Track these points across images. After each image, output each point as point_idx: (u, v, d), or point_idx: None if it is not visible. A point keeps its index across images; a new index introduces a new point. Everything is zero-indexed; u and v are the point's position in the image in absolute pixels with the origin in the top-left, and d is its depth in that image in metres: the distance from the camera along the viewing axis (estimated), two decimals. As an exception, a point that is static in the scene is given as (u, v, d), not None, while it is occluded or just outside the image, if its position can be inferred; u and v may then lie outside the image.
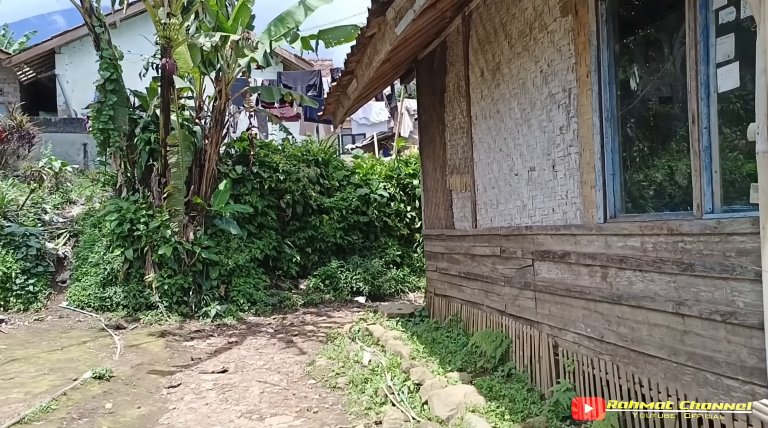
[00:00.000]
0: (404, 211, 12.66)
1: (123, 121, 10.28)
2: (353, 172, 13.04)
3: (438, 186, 8.21)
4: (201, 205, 10.42)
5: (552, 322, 4.99)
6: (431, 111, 8.35)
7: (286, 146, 12.46)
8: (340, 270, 11.78)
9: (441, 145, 7.95)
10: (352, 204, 12.29)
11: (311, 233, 11.97)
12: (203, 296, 10.22)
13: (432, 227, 8.59)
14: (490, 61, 6.14)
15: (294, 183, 11.66)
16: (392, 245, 12.53)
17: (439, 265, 8.20)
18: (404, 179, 12.82)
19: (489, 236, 6.33)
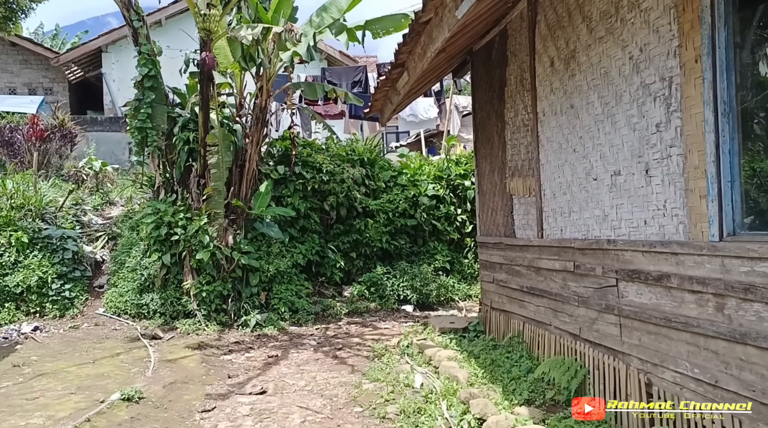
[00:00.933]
0: (454, 214, 11.91)
1: (161, 119, 9.83)
2: (400, 172, 12.34)
3: (496, 190, 7.46)
4: (241, 207, 9.90)
5: (644, 355, 4.20)
6: (488, 107, 7.60)
7: (330, 145, 11.85)
8: (386, 277, 11.11)
9: (500, 144, 7.20)
10: (399, 207, 11.60)
11: (356, 237, 11.34)
12: (243, 304, 9.69)
13: (488, 234, 7.83)
14: (562, 48, 5.36)
15: (338, 184, 11.03)
16: (441, 250, 11.79)
17: (497, 276, 7.45)
18: (454, 180, 12.07)
19: (559, 248, 5.56)
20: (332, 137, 12.06)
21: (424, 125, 15.16)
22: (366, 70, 14.06)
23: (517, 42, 6.58)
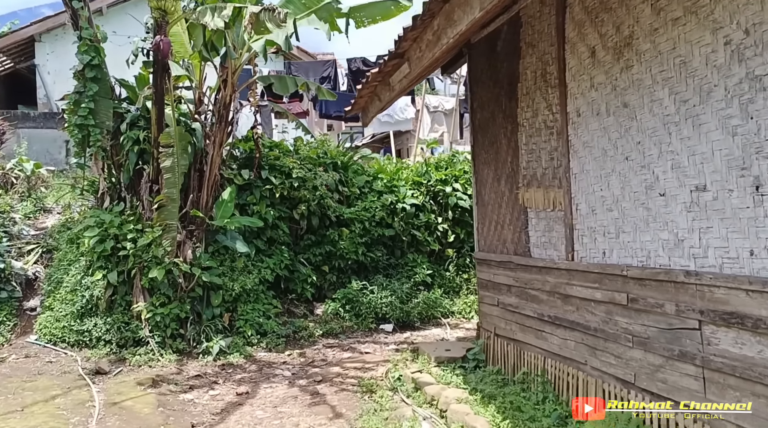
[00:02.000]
0: (435, 223, 10.93)
1: (106, 115, 8.52)
2: (375, 177, 11.30)
3: (503, 201, 6.50)
4: (201, 218, 8.67)
5: (749, 423, 3.28)
6: (493, 106, 6.65)
7: (299, 146, 10.70)
8: (362, 293, 10.04)
9: (509, 149, 6.25)
10: (376, 215, 10.55)
11: (329, 248, 10.23)
12: (203, 328, 8.46)
13: (491, 250, 6.87)
14: (610, 35, 4.42)
15: (310, 191, 9.90)
16: (421, 262, 10.80)
17: (504, 299, 6.49)
18: (435, 186, 11.09)
19: (600, 275, 4.62)
20: (301, 138, 10.92)
21: (399, 125, 14.17)
22: (336, 65, 12.96)
23: (535, 30, 5.63)
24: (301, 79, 9.52)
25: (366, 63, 13.08)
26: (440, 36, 4.77)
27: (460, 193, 10.94)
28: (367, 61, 13.09)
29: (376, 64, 13.28)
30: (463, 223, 11.12)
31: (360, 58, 13.02)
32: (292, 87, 9.20)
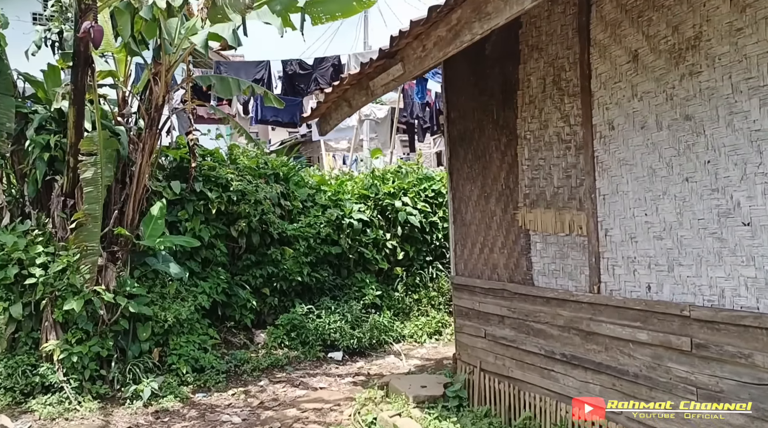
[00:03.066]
0: (383, 240, 10.12)
1: (6, 115, 7.13)
2: (318, 189, 10.36)
3: (492, 221, 5.81)
4: (126, 237, 7.42)
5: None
6: (479, 116, 5.96)
7: (236, 156, 9.57)
8: (308, 317, 9.08)
9: (503, 164, 5.57)
10: (322, 232, 9.61)
11: (270, 269, 9.18)
12: (130, 367, 7.20)
13: (474, 275, 6.17)
14: (663, 36, 3.81)
15: (251, 206, 8.82)
16: (370, 282, 9.95)
17: (493, 331, 5.79)
18: (383, 200, 10.28)
19: (646, 312, 3.99)
20: (237, 146, 9.80)
21: (341, 133, 13.25)
22: (270, 67, 11.90)
23: (542, 32, 4.99)
24: (245, 81, 8.45)
25: (303, 66, 12.12)
26: (459, 32, 3.99)
27: (410, 208, 10.21)
28: (303, 64, 12.14)
29: (314, 67, 12.42)
30: (413, 240, 10.39)
31: (296, 61, 12.04)
32: (235, 90, 8.13)
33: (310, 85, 12.00)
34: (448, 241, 10.58)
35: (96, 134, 6.59)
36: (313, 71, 12.06)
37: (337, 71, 12.03)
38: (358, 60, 12.40)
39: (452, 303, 6.72)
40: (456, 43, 4.06)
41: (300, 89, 12.00)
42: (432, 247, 10.50)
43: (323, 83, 11.86)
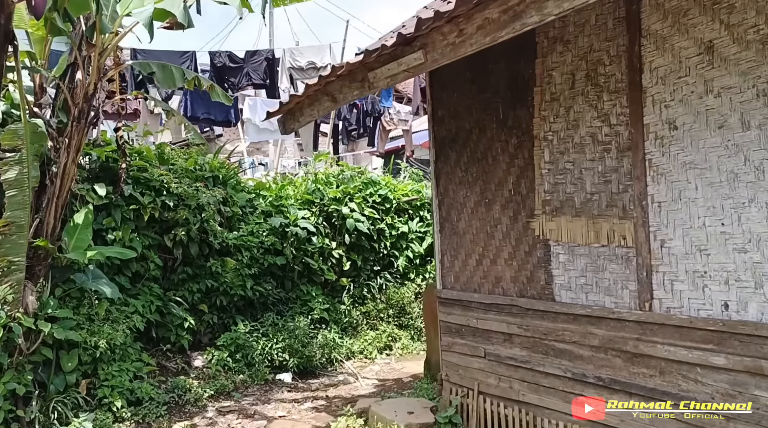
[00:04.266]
0: (329, 248, 9.37)
1: None
2: (258, 194, 9.45)
3: (495, 230, 5.31)
4: (48, 250, 6.23)
5: None
6: (477, 116, 5.46)
7: (169, 156, 8.46)
8: (253, 336, 8.17)
9: (511, 167, 5.09)
10: (266, 241, 8.73)
11: (209, 283, 8.18)
12: (54, 405, 6.03)
13: (469, 288, 5.64)
14: (748, 25, 3.48)
15: (191, 213, 7.80)
16: (316, 295, 9.17)
17: (497, 351, 5.28)
18: (328, 206, 9.53)
19: (723, 334, 3.61)
20: (166, 144, 8.69)
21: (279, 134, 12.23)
22: (195, 58, 10.76)
23: (569, 23, 4.56)
24: (189, 71, 7.44)
25: (233, 59, 11.10)
26: (521, 13, 3.43)
27: (357, 214, 9.54)
28: (234, 57, 11.12)
29: (246, 60, 11.43)
30: (360, 248, 9.72)
31: (225, 53, 11.01)
32: (179, 80, 7.11)
33: (241, 79, 11.03)
34: (397, 249, 10.10)
35: (21, 127, 5.42)
36: (244, 65, 11.09)
37: (271, 66, 11.15)
38: (294, 55, 11.60)
39: (439, 320, 6.13)
40: (514, 26, 3.50)
41: (230, 84, 10.99)
42: (380, 256, 9.88)
43: (256, 78, 10.95)
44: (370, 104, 14.57)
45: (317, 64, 11.59)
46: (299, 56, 11.51)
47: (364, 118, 14.28)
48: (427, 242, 10.13)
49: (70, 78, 6.62)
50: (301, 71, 11.54)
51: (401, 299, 9.67)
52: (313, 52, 11.61)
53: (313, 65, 11.56)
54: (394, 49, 4.49)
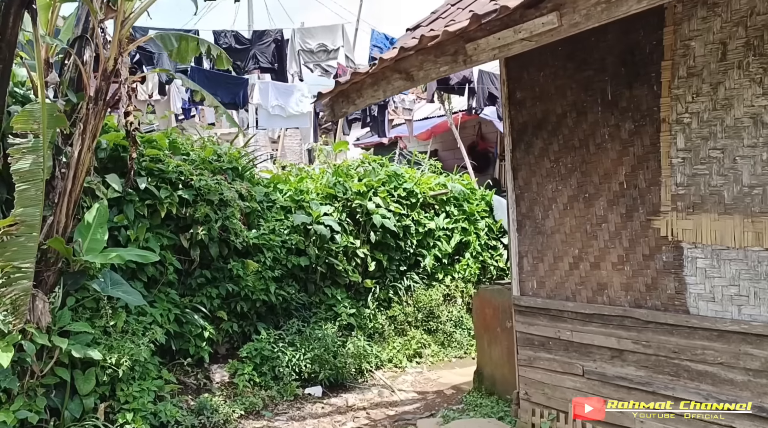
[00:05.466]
0: (353, 248, 8.57)
1: None
2: (275, 187, 8.59)
3: (598, 228, 4.63)
4: (60, 253, 5.32)
5: None
6: (576, 95, 4.77)
7: (182, 144, 7.54)
8: (279, 346, 7.33)
9: (626, 157, 4.42)
10: (290, 240, 7.89)
11: (229, 287, 7.32)
12: (69, 435, 5.15)
13: (559, 296, 4.95)
14: None
15: (213, 209, 6.93)
16: (342, 299, 8.37)
17: (599, 368, 4.62)
18: (352, 201, 8.72)
19: None
20: (177, 130, 7.76)
21: (292, 121, 11.33)
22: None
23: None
24: (204, 41, 6.54)
25: (239, 40, 10.16)
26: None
27: (383, 210, 8.77)
28: (240, 37, 10.18)
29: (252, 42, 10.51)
30: (385, 247, 8.94)
31: (231, 32, 10.04)
32: (193, 52, 6.22)
33: (248, 62, 10.11)
34: (423, 247, 9.35)
35: (38, 108, 4.49)
36: (251, 47, 10.17)
37: (280, 48, 10.27)
38: (303, 36, 10.73)
39: (515, 331, 5.43)
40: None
41: (236, 67, 10.07)
42: (406, 255, 9.12)
43: (264, 61, 10.05)
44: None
45: (328, 47, 10.74)
46: (309, 38, 10.64)
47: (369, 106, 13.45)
48: (455, 239, 9.41)
49: (77, 52, 5.69)
50: (311, 54, 10.69)
51: (429, 301, 8.95)
52: (323, 34, 10.74)
53: (324, 48, 10.71)
54: (509, 13, 3.73)
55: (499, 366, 6.59)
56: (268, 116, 10.63)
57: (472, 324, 9.12)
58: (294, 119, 11.03)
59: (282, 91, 10.57)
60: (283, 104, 10.54)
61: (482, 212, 9.87)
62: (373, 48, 10.91)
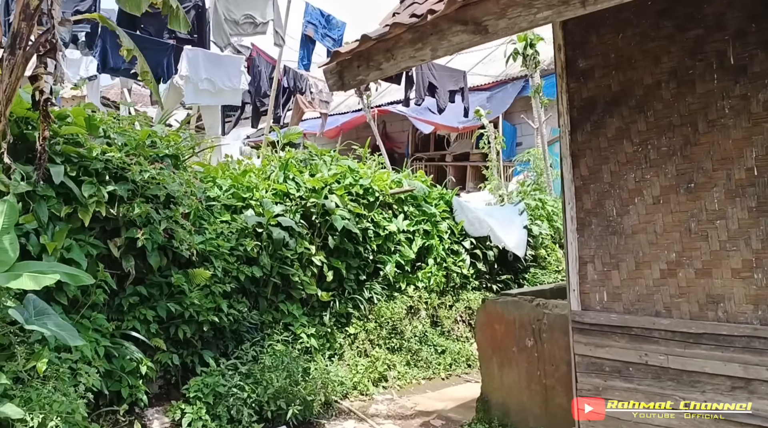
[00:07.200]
0: (308, 254, 7.20)
1: None
2: (213, 181, 7.02)
3: (710, 225, 3.76)
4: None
5: None
6: (675, 62, 3.89)
7: (104, 123, 5.79)
8: (234, 380, 5.84)
9: (755, 136, 3.58)
10: (238, 247, 6.40)
11: (171, 307, 5.71)
12: None
13: (643, 311, 4.04)
14: None
15: (155, 207, 5.32)
16: (299, 316, 6.97)
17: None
18: (307, 199, 7.34)
19: None
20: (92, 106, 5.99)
21: (224, 97, 9.45)
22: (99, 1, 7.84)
23: None
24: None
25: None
26: None
27: (342, 210, 7.49)
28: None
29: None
30: (342, 252, 7.64)
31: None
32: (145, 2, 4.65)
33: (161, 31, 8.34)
34: (384, 253, 8.16)
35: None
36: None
37: (200, 16, 8.63)
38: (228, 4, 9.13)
39: (574, 354, 4.44)
40: None
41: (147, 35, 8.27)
42: (365, 262, 7.88)
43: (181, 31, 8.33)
44: (292, 80, 12.35)
45: (256, 20, 9.23)
46: (234, 7, 9.05)
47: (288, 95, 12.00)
48: (417, 244, 8.32)
49: None
50: (236, 25, 9.11)
51: (392, 316, 7.79)
52: (249, 4, 9.20)
53: (251, 20, 9.18)
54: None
55: (515, 392, 5.60)
56: (197, 91, 8.82)
57: (437, 340, 8.14)
58: (223, 95, 9.27)
59: (214, 62, 8.89)
60: (214, 78, 8.83)
61: (444, 213, 8.86)
62: (307, 25, 9.57)
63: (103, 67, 7.96)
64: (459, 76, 12.27)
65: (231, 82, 9.12)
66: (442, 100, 11.75)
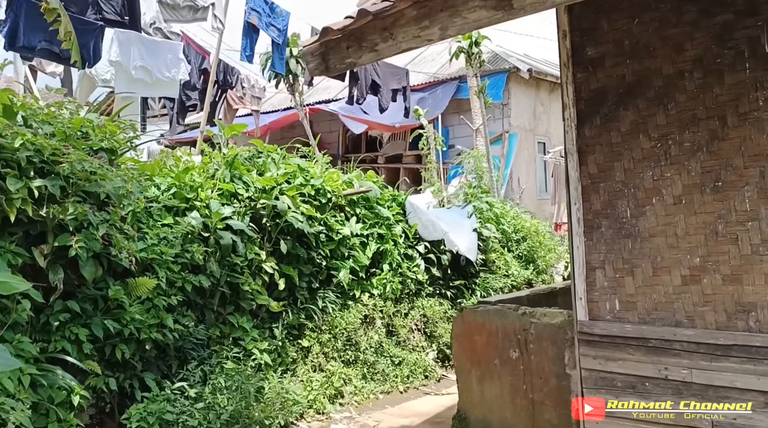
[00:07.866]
0: (259, 261, 6.51)
1: None
2: (150, 179, 6.21)
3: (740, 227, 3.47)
4: None
5: None
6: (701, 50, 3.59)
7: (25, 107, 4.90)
8: (183, 405, 5.12)
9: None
10: (183, 253, 5.66)
11: (108, 324, 4.90)
12: None
13: (658, 321, 3.72)
14: None
15: (93, 208, 4.51)
16: (250, 329, 6.28)
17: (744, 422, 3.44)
18: (257, 200, 6.64)
19: None
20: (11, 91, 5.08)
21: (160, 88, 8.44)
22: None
23: None
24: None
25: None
26: None
27: (296, 212, 6.86)
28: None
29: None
30: (294, 258, 7.00)
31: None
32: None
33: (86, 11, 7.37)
34: (337, 258, 7.56)
35: None
36: (90, -8, 7.44)
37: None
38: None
39: (580, 368, 4.06)
40: None
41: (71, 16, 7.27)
42: (318, 269, 7.26)
43: (109, 12, 7.42)
44: (222, 73, 11.55)
45: (197, 3, 8.41)
46: (167, -11, 8.20)
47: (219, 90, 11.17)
48: (372, 248, 7.79)
49: None
50: (173, 10, 8.27)
51: (346, 326, 7.22)
52: (190, -15, 8.37)
53: (191, 3, 8.35)
54: None
55: (497, 408, 5.20)
56: (130, 79, 7.81)
57: (394, 350, 7.64)
58: (160, 85, 8.32)
59: (150, 49, 7.95)
60: (150, 66, 7.87)
61: (397, 216, 8.38)
62: (251, 12, 8.82)
63: (11, 45, 6.87)
64: (402, 73, 11.87)
65: (169, 71, 8.22)
66: (385, 99, 11.31)
